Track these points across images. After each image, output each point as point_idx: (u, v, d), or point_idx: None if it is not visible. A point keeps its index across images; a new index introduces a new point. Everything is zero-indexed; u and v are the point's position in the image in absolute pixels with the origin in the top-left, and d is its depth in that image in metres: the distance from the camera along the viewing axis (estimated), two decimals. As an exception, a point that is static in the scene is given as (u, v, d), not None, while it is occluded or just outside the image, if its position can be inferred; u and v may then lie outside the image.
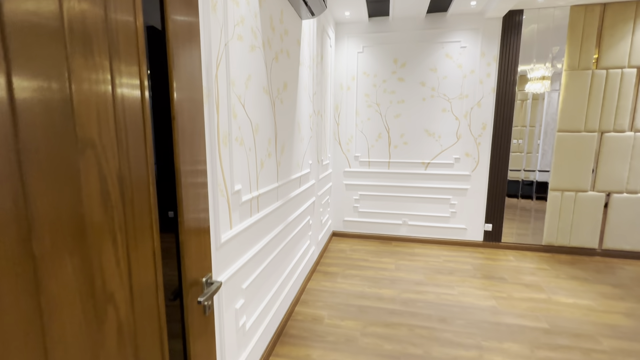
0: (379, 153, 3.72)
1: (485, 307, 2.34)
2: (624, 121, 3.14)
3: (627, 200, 3.24)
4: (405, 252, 3.46)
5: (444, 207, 3.65)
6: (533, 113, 3.38)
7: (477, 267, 3.08)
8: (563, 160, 3.30)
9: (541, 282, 2.76)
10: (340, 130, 3.77)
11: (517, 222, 3.57)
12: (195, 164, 0.79)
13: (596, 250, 3.38)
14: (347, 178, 3.84)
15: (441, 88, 3.46)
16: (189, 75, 0.80)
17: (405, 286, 2.67)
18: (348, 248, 3.56)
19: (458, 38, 3.36)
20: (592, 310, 2.31)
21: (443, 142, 3.55)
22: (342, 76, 3.66)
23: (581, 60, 3.13)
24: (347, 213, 3.91)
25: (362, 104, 3.68)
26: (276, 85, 1.80)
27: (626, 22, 3.02)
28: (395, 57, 3.51)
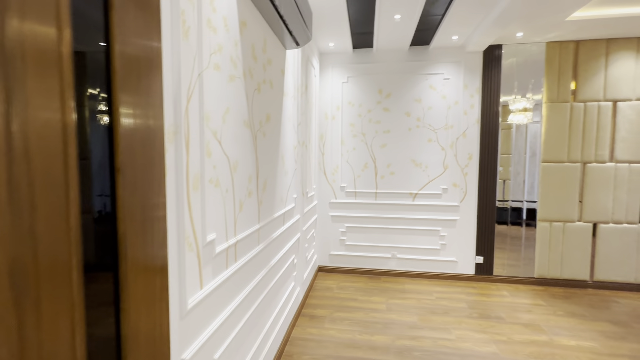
0: (365, 183, 3.60)
1: (486, 355, 2.15)
2: (604, 152, 3.19)
3: (613, 231, 3.23)
4: (396, 288, 3.26)
5: (434, 239, 3.52)
6: (518, 141, 3.40)
7: (472, 304, 2.91)
8: (549, 190, 3.28)
9: (539, 320, 2.62)
10: (325, 160, 3.64)
11: (508, 252, 3.47)
12: (149, 222, 0.60)
13: (588, 282, 3.30)
14: (333, 209, 3.67)
15: (426, 118, 3.45)
16: (144, 111, 0.63)
17: (399, 331, 2.45)
18: (335, 285, 3.32)
19: (441, 70, 3.39)
20: (597, 354, 2.16)
21: (430, 172, 3.48)
22: (326, 106, 3.59)
23: (560, 93, 3.21)
24: (333, 246, 3.70)
25: (347, 133, 3.59)
26: (258, 118, 1.65)
27: (598, 58, 3.14)
28: (380, 88, 3.50)
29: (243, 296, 1.46)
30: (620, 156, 3.17)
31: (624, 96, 3.13)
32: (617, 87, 3.13)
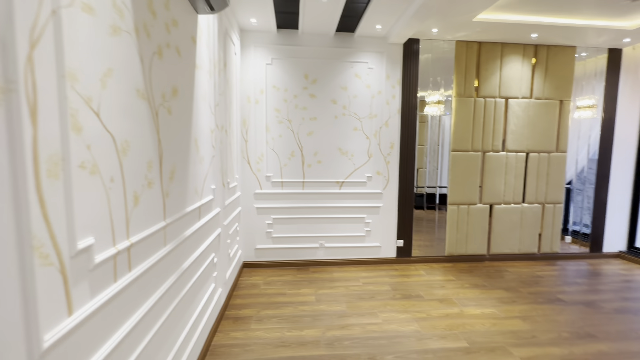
0: (292, 172, 3.45)
1: (410, 333, 2.24)
2: (499, 142, 3.67)
3: (504, 210, 3.76)
4: (325, 278, 3.23)
5: (360, 226, 3.60)
6: (432, 133, 3.67)
7: (395, 286, 3.05)
8: (457, 177, 3.64)
9: (451, 294, 2.88)
10: (249, 148, 3.37)
11: (424, 234, 3.77)
12: None
13: (485, 256, 3.80)
14: (259, 201, 3.44)
15: (352, 107, 3.45)
16: None
17: (329, 321, 2.40)
18: (262, 281, 3.12)
19: (365, 59, 3.42)
20: (497, 319, 2.46)
21: (356, 160, 3.52)
22: (249, 88, 3.30)
23: (466, 89, 3.55)
24: (259, 240, 3.48)
25: (272, 119, 3.37)
26: (160, 90, 1.33)
27: (495, 59, 3.56)
28: (306, 73, 3.36)
29: (145, 311, 1.17)
30: (510, 146, 3.68)
31: (513, 94, 3.62)
32: (509, 86, 3.60)
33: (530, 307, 2.66)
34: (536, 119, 3.67)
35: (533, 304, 2.72)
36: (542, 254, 3.87)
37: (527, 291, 2.97)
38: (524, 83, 3.62)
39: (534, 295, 2.89)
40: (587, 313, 2.58)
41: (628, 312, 2.61)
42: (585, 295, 2.90)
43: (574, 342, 2.17)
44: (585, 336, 2.25)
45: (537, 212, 3.80)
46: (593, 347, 2.12)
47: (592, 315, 2.54)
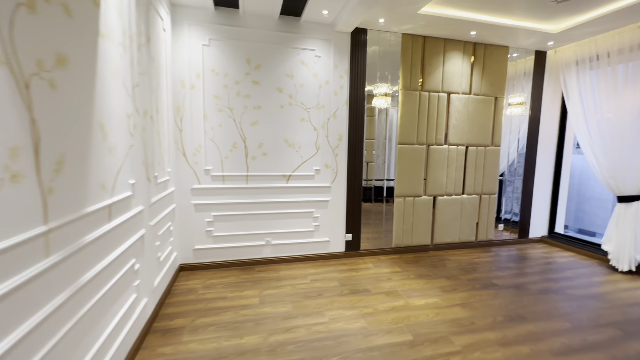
0: (234, 166, 3.18)
1: (357, 331, 2.17)
2: (441, 136, 3.78)
3: (446, 202, 3.91)
4: (271, 277, 3.04)
5: (308, 221, 3.47)
6: (379, 127, 3.65)
7: (343, 281, 2.98)
8: (403, 170, 3.68)
9: (397, 286, 2.89)
10: (184, 138, 3.02)
11: (372, 227, 3.77)
12: None
13: (429, 246, 3.92)
14: (197, 197, 3.12)
15: (299, 96, 3.28)
16: None
17: (273, 325, 2.23)
18: (201, 285, 2.84)
19: (312, 46, 3.26)
20: (439, 308, 2.51)
21: (303, 153, 3.36)
22: (183, 71, 2.95)
23: (412, 82, 3.58)
24: (198, 240, 3.17)
25: (211, 107, 3.06)
26: (34, 55, 1.02)
27: (438, 54, 3.64)
28: (249, 57, 3.09)
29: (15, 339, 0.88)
30: (452, 140, 3.82)
31: (454, 89, 3.75)
32: (451, 82, 3.72)
33: (469, 293, 2.77)
34: (475, 114, 3.85)
35: (471, 290, 2.84)
36: (479, 241, 4.11)
37: (466, 278, 3.10)
38: (464, 79, 3.76)
39: (472, 282, 3.02)
40: (517, 295, 2.75)
41: (550, 292, 2.85)
42: (515, 279, 3.11)
43: (507, 325, 2.28)
44: (516, 318, 2.38)
45: (475, 203, 4.02)
46: (524, 328, 2.24)
47: (521, 297, 2.72)
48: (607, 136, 3.44)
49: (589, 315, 2.44)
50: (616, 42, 3.35)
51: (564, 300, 2.69)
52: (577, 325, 2.30)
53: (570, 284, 3.03)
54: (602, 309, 2.56)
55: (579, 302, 2.65)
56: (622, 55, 3.32)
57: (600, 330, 2.24)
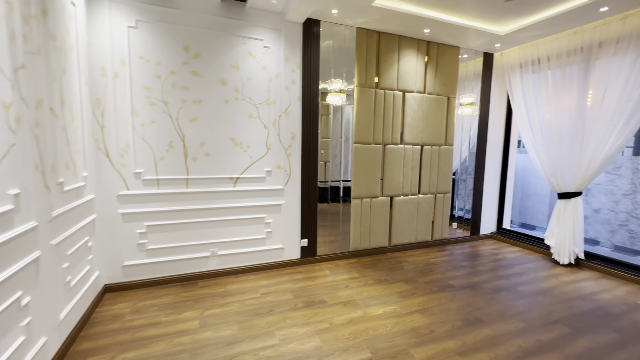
0: (172, 168, 2.78)
1: (310, 352, 1.94)
2: (397, 135, 3.70)
3: (403, 202, 3.85)
4: (216, 293, 2.70)
5: (259, 227, 3.17)
6: (335, 125, 3.46)
7: (298, 293, 2.74)
8: (360, 170, 3.53)
9: (355, 294, 2.72)
10: (107, 137, 2.55)
11: (329, 229, 3.58)
12: None
13: (387, 248, 3.84)
14: (125, 205, 2.66)
15: (246, 90, 2.96)
16: None
17: (213, 354, 1.91)
18: (129, 309, 2.41)
19: (261, 36, 2.96)
20: (398, 316, 2.37)
21: (252, 153, 3.05)
22: (103, 56, 2.48)
23: (367, 79, 3.44)
24: (127, 255, 2.71)
25: (141, 100, 2.63)
26: None
27: (393, 51, 3.55)
28: (186, 44, 2.71)
29: None
30: (408, 139, 3.76)
31: (409, 88, 3.69)
32: (406, 80, 3.65)
33: (427, 297, 2.69)
34: (429, 113, 3.83)
35: (429, 294, 2.77)
36: (434, 240, 4.13)
37: (424, 280, 3.04)
38: (418, 78, 3.72)
39: (429, 284, 2.96)
40: (473, 296, 2.73)
41: (502, 290, 2.87)
42: (470, 278, 3.11)
43: (465, 331, 2.21)
44: (474, 321, 2.32)
45: (430, 202, 4.02)
46: (481, 333, 2.19)
47: (477, 298, 2.69)
48: (548, 136, 3.61)
49: (539, 313, 2.47)
50: (555, 46, 3.51)
51: (516, 298, 2.72)
52: (530, 325, 2.30)
53: (520, 280, 3.10)
54: (550, 304, 2.61)
55: (529, 300, 2.69)
56: (560, 59, 3.49)
57: (551, 329, 2.26)
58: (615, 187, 4.90)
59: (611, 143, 3.07)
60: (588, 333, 2.21)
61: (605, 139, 3.10)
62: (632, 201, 4.75)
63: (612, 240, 5.01)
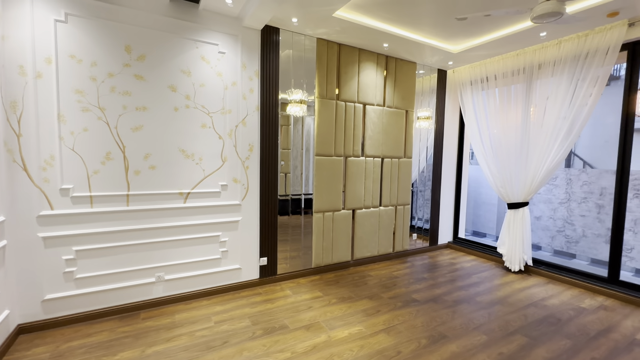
0: (109, 183, 2.43)
1: (270, 390, 1.73)
2: (359, 147, 3.67)
3: (365, 215, 3.80)
4: (161, 325, 2.37)
5: (213, 247, 2.89)
6: (296, 137, 3.33)
7: (256, 319, 2.51)
8: (321, 182, 3.42)
9: (319, 316, 2.56)
10: (24, 147, 2.15)
11: (290, 243, 3.38)
12: None
13: (350, 262, 3.74)
14: (48, 227, 2.25)
15: (198, 98, 2.72)
16: None
17: (154, 404, 1.62)
18: (49, 354, 2.00)
19: (215, 40, 2.76)
20: (364, 338, 2.26)
21: (206, 165, 2.80)
22: (22, 53, 2.11)
23: (328, 91, 3.38)
24: (50, 287, 2.29)
25: (71, 105, 2.27)
26: None
27: (354, 64, 3.54)
28: (128, 44, 2.42)
29: None
30: (368, 151, 3.75)
31: (370, 101, 3.70)
32: (366, 93, 3.65)
33: (392, 314, 2.61)
34: (388, 126, 3.87)
35: (394, 310, 2.70)
36: (396, 252, 4.13)
37: (388, 296, 2.97)
38: (378, 91, 3.75)
39: (393, 299, 2.90)
40: (436, 310, 2.71)
41: (463, 301, 2.90)
42: (432, 291, 3.12)
43: (431, 349, 2.15)
44: (439, 338, 2.28)
45: (391, 214, 4.02)
46: (447, 350, 2.14)
47: (440, 312, 2.68)
48: (498, 150, 3.82)
49: (498, 323, 2.51)
50: (501, 66, 3.76)
51: (476, 309, 2.75)
52: (491, 337, 2.31)
53: (477, 290, 3.17)
54: (507, 314, 2.68)
55: (488, 310, 2.74)
56: (506, 78, 3.75)
57: (511, 340, 2.29)
58: (553, 196, 5.35)
59: (552, 157, 3.31)
60: (544, 342, 2.27)
61: (547, 153, 3.34)
62: (567, 209, 5.21)
63: (552, 245, 5.43)
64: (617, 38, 2.83)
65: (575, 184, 5.11)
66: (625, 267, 4.63)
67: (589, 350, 2.17)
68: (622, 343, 2.27)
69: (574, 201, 5.13)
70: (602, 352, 2.15)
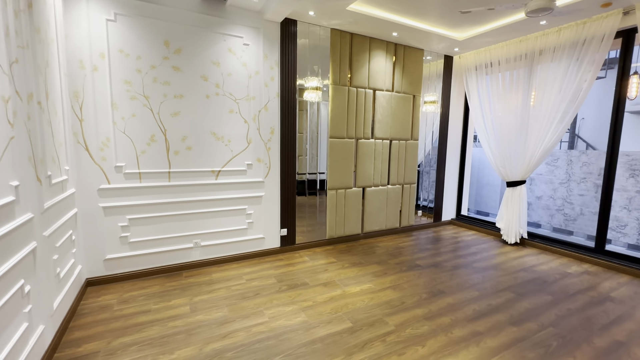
0: (153, 161, 2.82)
1: (298, 326, 2.15)
2: (369, 130, 3.99)
3: (374, 192, 4.16)
4: (202, 282, 2.81)
5: (241, 218, 3.30)
6: (311, 120, 3.66)
7: (280, 277, 2.93)
8: (334, 163, 3.77)
9: (334, 276, 2.97)
10: (86, 130, 2.55)
11: (307, 219, 3.78)
12: None
13: (360, 235, 4.14)
14: (107, 199, 2.67)
15: (226, 86, 3.06)
16: None
17: (208, 333, 2.06)
18: (116, 300, 2.46)
19: (240, 33, 3.06)
20: (373, 292, 2.66)
21: (233, 147, 3.17)
22: (81, 49, 2.46)
23: (341, 77, 3.67)
24: (110, 248, 2.73)
25: (121, 94, 2.64)
26: None
27: (364, 52, 3.81)
28: (167, 39, 2.75)
29: None
30: (378, 134, 4.06)
31: (379, 86, 3.98)
32: (376, 79, 3.93)
33: (397, 276, 3.01)
34: (397, 110, 4.16)
35: (399, 273, 3.09)
36: (402, 227, 4.50)
37: (394, 262, 3.36)
38: (387, 77, 4.02)
39: (399, 265, 3.29)
40: (437, 273, 3.10)
41: (461, 267, 3.28)
42: (433, 259, 3.50)
43: (431, 301, 2.54)
44: (437, 293, 2.67)
45: (398, 192, 4.37)
46: (444, 302, 2.53)
47: (439, 274, 3.06)
48: (499, 132, 4.09)
49: (490, 284, 2.89)
50: (504, 52, 3.98)
51: (472, 273, 3.13)
52: (483, 293, 2.69)
53: (475, 258, 3.54)
54: (499, 276, 3.05)
55: (482, 274, 3.11)
56: (509, 64, 3.97)
57: (500, 295, 2.67)
58: (554, 177, 5.61)
59: (549, 138, 3.58)
60: (528, 297, 2.64)
61: (544, 134, 3.61)
62: (566, 189, 5.47)
63: (551, 223, 5.73)
64: (612, 26, 3.03)
65: (576, 165, 5.36)
66: (619, 242, 4.93)
67: (566, 303, 2.54)
68: (597, 299, 2.63)
69: (573, 181, 5.39)
70: (578, 305, 2.52)
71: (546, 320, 2.29)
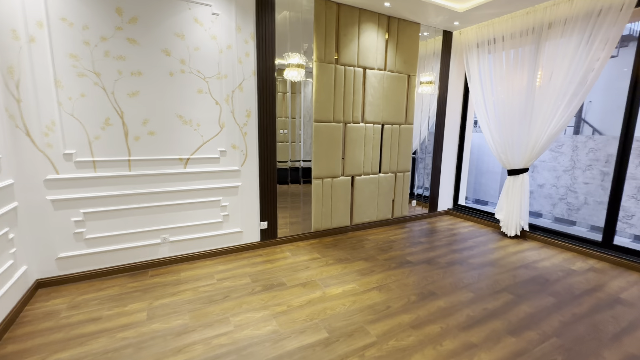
0: (110, 149, 2.50)
1: (266, 337, 1.89)
2: (358, 114, 3.64)
3: (364, 181, 3.85)
4: (168, 282, 2.54)
5: (215, 211, 3.00)
6: (293, 103, 3.31)
7: (256, 276, 2.66)
8: (320, 149, 3.44)
9: (315, 275, 2.70)
10: (25, 112, 2.21)
11: (290, 210, 3.49)
12: None
13: (349, 227, 3.85)
14: (55, 191, 2.36)
15: (193, 62, 2.69)
16: None
17: (161, 347, 1.79)
18: (66, 305, 2.19)
19: (208, 1, 2.68)
20: (356, 294, 2.39)
21: (204, 131, 2.83)
22: (14, 16, 2.09)
23: (326, 54, 3.29)
24: (62, 246, 2.44)
25: (66, 70, 2.29)
26: None
27: (353, 25, 3.41)
28: (119, 6, 2.37)
29: None
30: (368, 118, 3.71)
31: (370, 64, 3.60)
32: (366, 56, 3.55)
33: (385, 274, 2.74)
34: (389, 91, 3.79)
35: (387, 270, 2.82)
36: (395, 218, 4.22)
37: (383, 258, 3.09)
38: (379, 54, 3.64)
39: (388, 261, 3.02)
40: (429, 271, 2.83)
41: (455, 263, 3.01)
42: (426, 254, 3.22)
43: (420, 305, 2.27)
44: (428, 295, 2.40)
45: (390, 181, 4.06)
46: (434, 305, 2.26)
47: (432, 273, 2.79)
48: (501, 116, 3.74)
49: (487, 283, 2.62)
50: (509, 26, 3.58)
51: (467, 270, 2.86)
52: (478, 295, 2.42)
53: (471, 253, 3.27)
54: (497, 274, 2.78)
55: (479, 271, 2.84)
56: (514, 40, 3.58)
57: (497, 297, 2.40)
58: (558, 164, 5.29)
59: (555, 122, 3.24)
60: (529, 299, 2.38)
61: (550, 118, 3.27)
62: (570, 176, 5.16)
63: (553, 212, 5.45)
64: (633, -8, 2.65)
65: (582, 151, 5.03)
66: (624, 233, 4.67)
67: (571, 307, 2.27)
68: (606, 301, 2.37)
69: (578, 169, 5.07)
70: (584, 309, 2.25)
71: (549, 328, 2.03)
